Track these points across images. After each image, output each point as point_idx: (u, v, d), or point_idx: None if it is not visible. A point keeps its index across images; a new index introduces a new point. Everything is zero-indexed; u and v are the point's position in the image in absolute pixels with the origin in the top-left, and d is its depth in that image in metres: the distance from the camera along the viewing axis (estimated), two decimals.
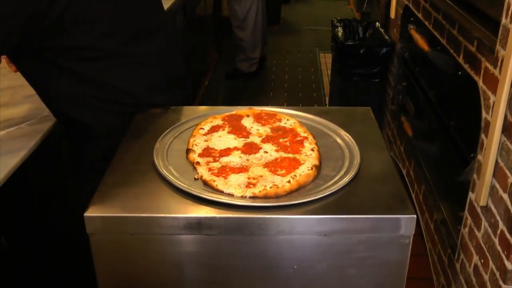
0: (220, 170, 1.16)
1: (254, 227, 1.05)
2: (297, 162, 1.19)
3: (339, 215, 1.06)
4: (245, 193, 1.09)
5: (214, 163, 1.19)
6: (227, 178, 1.13)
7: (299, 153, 1.23)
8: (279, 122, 1.38)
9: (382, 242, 1.08)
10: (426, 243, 2.20)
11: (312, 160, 1.20)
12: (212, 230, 1.05)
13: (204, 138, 1.28)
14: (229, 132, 1.32)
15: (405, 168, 2.60)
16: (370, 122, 1.45)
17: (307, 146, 1.26)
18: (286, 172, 1.15)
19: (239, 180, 1.12)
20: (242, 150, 1.25)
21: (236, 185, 1.10)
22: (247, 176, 1.14)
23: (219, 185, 1.11)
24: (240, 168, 1.17)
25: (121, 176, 1.18)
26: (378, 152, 1.28)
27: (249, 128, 1.34)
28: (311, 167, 1.17)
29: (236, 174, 1.14)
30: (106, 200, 1.10)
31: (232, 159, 1.21)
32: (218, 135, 1.30)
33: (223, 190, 1.10)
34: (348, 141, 1.30)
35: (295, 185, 1.12)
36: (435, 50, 2.10)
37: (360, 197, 1.12)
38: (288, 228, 1.05)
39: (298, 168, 1.16)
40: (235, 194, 1.09)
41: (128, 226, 1.06)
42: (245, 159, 1.21)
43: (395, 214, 1.06)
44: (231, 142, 1.28)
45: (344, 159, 1.24)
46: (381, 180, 1.18)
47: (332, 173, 1.18)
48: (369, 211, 1.06)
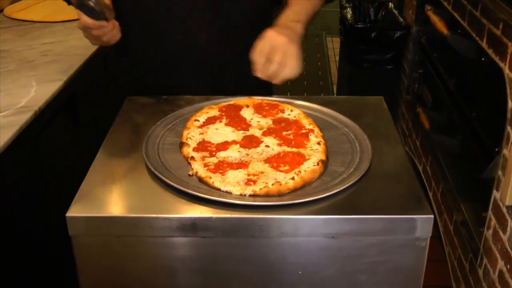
0: (217, 165, 1.16)
1: (254, 229, 1.06)
2: (301, 157, 1.19)
3: (348, 215, 1.06)
4: (245, 191, 1.09)
5: (210, 158, 1.20)
6: (225, 174, 1.13)
7: (304, 147, 1.24)
8: (281, 113, 1.38)
9: (396, 245, 1.08)
10: (445, 246, 2.21)
11: (318, 154, 1.20)
12: (208, 232, 1.06)
13: (199, 131, 1.28)
14: (226, 124, 1.32)
15: (421, 164, 2.61)
16: (382, 113, 1.45)
17: (313, 139, 1.27)
18: (290, 168, 1.15)
19: (238, 176, 1.13)
20: (241, 144, 1.25)
21: (235, 182, 1.11)
22: (246, 172, 1.15)
23: (216, 182, 1.11)
24: (238, 163, 1.18)
25: (107, 172, 1.19)
26: (392, 147, 1.29)
27: (249, 120, 1.35)
28: (317, 162, 1.17)
29: (235, 170, 1.15)
30: (90, 199, 1.10)
31: (230, 154, 1.21)
32: (214, 128, 1.30)
33: (220, 187, 1.10)
34: (358, 134, 1.31)
35: (300, 182, 1.12)
36: (455, 33, 2.10)
37: (371, 196, 1.12)
38: (292, 230, 1.06)
39: (303, 164, 1.17)
40: (233, 192, 1.09)
41: (114, 228, 1.07)
42: (244, 154, 1.22)
43: (410, 214, 1.06)
44: (229, 135, 1.28)
45: (354, 153, 1.24)
46: (394, 177, 1.19)
47: (340, 169, 1.19)
48: (382, 211, 1.07)
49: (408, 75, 2.93)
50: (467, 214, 1.98)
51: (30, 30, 2.24)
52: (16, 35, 2.19)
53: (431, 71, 2.53)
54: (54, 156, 1.83)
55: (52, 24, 2.31)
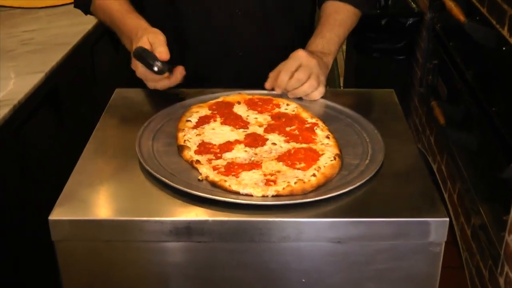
0: (227, 168, 1.17)
1: (253, 233, 1.06)
2: (315, 153, 1.21)
3: (355, 218, 1.07)
4: (267, 191, 1.10)
5: (217, 160, 1.20)
6: (239, 176, 1.14)
7: (314, 142, 1.26)
8: (278, 108, 1.39)
9: (408, 251, 1.09)
10: (462, 253, 2.21)
11: (331, 149, 1.23)
12: (203, 236, 1.06)
13: (195, 132, 1.29)
14: (222, 123, 1.33)
15: (436, 163, 2.62)
16: (393, 108, 1.45)
17: (320, 133, 1.28)
18: (307, 165, 1.17)
19: (254, 178, 1.14)
20: (246, 143, 1.26)
21: (253, 183, 1.12)
22: (261, 172, 1.16)
23: (233, 186, 1.11)
24: (250, 164, 1.19)
25: (93, 172, 1.19)
26: (403, 144, 1.29)
27: (245, 117, 1.36)
28: (333, 156, 1.19)
29: (248, 172, 1.16)
30: (75, 201, 1.11)
31: (237, 155, 1.22)
32: (210, 128, 1.31)
33: (239, 190, 1.11)
34: (364, 124, 1.33)
35: (322, 178, 1.14)
36: (473, 20, 2.11)
37: (381, 197, 1.13)
38: (295, 234, 1.06)
39: (319, 160, 1.19)
40: (254, 194, 1.10)
41: (102, 232, 1.07)
42: (252, 154, 1.23)
43: (424, 217, 1.07)
44: (229, 135, 1.29)
45: (365, 144, 1.27)
46: (406, 177, 1.19)
47: (355, 161, 1.21)
48: (392, 214, 1.08)
49: (422, 65, 2.93)
50: (486, 217, 1.99)
51: (9, 17, 2.25)
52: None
53: (446, 61, 2.53)
54: (35, 154, 1.83)
55: (34, 10, 2.32)
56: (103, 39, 2.38)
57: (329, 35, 1.54)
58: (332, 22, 1.57)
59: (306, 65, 1.41)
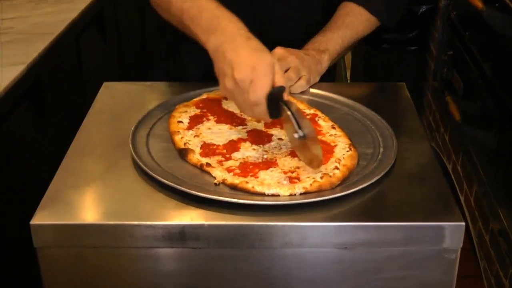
0: (242, 168, 1.18)
1: (253, 238, 1.06)
2: (327, 145, 1.23)
3: (364, 222, 1.07)
4: (294, 190, 1.11)
5: (227, 161, 1.21)
6: (258, 176, 1.15)
7: (321, 133, 1.28)
8: None
9: (421, 258, 1.09)
10: (480, 260, 2.21)
11: (341, 139, 1.26)
12: (199, 242, 1.07)
13: (191, 133, 1.30)
14: (217, 122, 1.34)
15: (450, 163, 2.62)
16: (404, 103, 1.46)
17: (324, 124, 1.31)
18: (324, 158, 1.19)
19: (274, 176, 1.15)
20: (251, 141, 1.27)
21: (275, 183, 1.13)
22: (280, 170, 1.17)
23: (256, 187, 1.12)
24: (265, 162, 1.20)
25: (79, 172, 1.20)
26: (416, 142, 1.30)
27: (239, 113, 1.37)
28: (348, 147, 1.22)
29: (266, 170, 1.17)
30: (59, 203, 1.11)
31: (246, 154, 1.23)
32: (206, 128, 1.32)
33: (264, 191, 1.11)
34: (363, 111, 1.37)
35: (346, 171, 1.16)
36: (492, 7, 2.11)
37: (391, 200, 1.13)
38: (298, 239, 1.07)
39: (335, 151, 1.21)
40: (281, 193, 1.11)
41: (89, 238, 1.07)
42: (262, 151, 1.24)
43: (438, 221, 1.07)
44: (229, 133, 1.30)
45: (371, 131, 1.30)
46: (419, 177, 1.20)
47: (369, 150, 1.24)
48: (403, 217, 1.08)
49: (435, 57, 2.94)
50: (506, 221, 1.99)
51: None
52: None
53: (462, 52, 2.54)
54: (16, 152, 1.83)
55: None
56: (90, 28, 2.38)
57: (330, 34, 1.57)
58: (340, 23, 1.59)
59: (283, 59, 1.43)
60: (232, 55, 1.21)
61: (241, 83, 1.18)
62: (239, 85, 1.19)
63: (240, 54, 1.20)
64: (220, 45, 1.24)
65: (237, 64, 1.19)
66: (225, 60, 1.22)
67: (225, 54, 1.22)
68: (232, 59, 1.20)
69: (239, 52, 1.21)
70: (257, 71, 1.18)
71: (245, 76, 1.18)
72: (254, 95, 1.18)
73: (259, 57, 1.20)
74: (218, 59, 1.24)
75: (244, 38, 1.25)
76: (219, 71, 1.24)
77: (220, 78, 1.24)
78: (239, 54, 1.20)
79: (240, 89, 1.19)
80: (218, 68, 1.25)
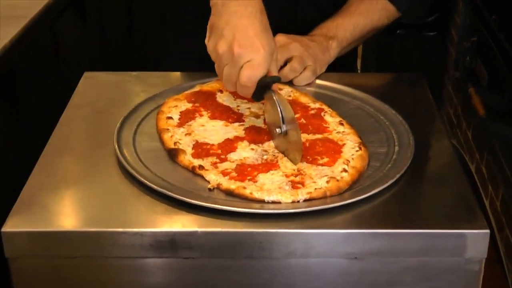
0: (239, 171, 1.18)
1: (252, 247, 1.06)
2: (335, 144, 1.23)
3: (376, 230, 1.07)
4: (297, 196, 1.11)
5: (222, 163, 1.21)
6: (257, 181, 1.15)
7: (327, 131, 1.28)
8: None
9: (440, 270, 1.09)
10: (507, 273, 2.22)
11: (350, 137, 1.25)
12: (191, 251, 1.07)
13: (182, 131, 1.30)
14: (211, 118, 1.34)
15: (474, 163, 2.62)
16: (421, 95, 1.46)
17: (330, 119, 1.31)
18: (331, 159, 1.19)
19: (276, 180, 1.15)
20: (249, 139, 1.28)
21: (277, 188, 1.13)
22: (281, 173, 1.17)
23: (255, 193, 1.12)
24: (265, 164, 1.20)
25: (57, 173, 1.20)
26: (434, 139, 1.31)
27: (236, 108, 1.38)
28: (357, 146, 1.22)
29: (266, 173, 1.17)
30: (34, 208, 1.11)
31: (244, 154, 1.23)
32: (198, 124, 1.33)
33: (263, 198, 1.11)
34: (376, 105, 1.37)
35: (355, 173, 1.16)
36: None
37: (406, 204, 1.14)
38: (302, 248, 1.07)
39: (342, 151, 1.21)
40: (282, 200, 1.11)
41: (67, 247, 1.07)
42: (262, 151, 1.24)
43: (459, 228, 1.07)
44: (225, 131, 1.31)
45: (386, 128, 1.31)
46: (437, 179, 1.20)
47: (382, 149, 1.24)
48: (420, 224, 1.08)
49: (457, 44, 2.94)
50: None
51: None
52: None
53: (487, 39, 2.54)
54: None
55: None
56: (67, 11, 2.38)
57: (341, 20, 1.58)
58: (352, 9, 1.60)
59: (285, 47, 1.45)
60: (239, 23, 1.22)
61: (237, 57, 1.20)
62: (234, 57, 1.20)
63: (248, 27, 1.21)
64: (229, 2, 1.24)
65: (242, 37, 1.20)
66: (228, 22, 1.22)
67: (231, 15, 1.23)
68: (239, 27, 1.21)
69: (247, 25, 1.22)
70: (260, 54, 1.20)
71: (246, 53, 1.20)
72: (247, 76, 1.21)
73: (267, 39, 1.22)
74: (219, 14, 1.24)
75: (258, 9, 1.25)
76: (215, 26, 1.25)
77: (213, 34, 1.25)
78: (247, 27, 1.22)
79: (233, 62, 1.21)
80: (215, 23, 1.25)
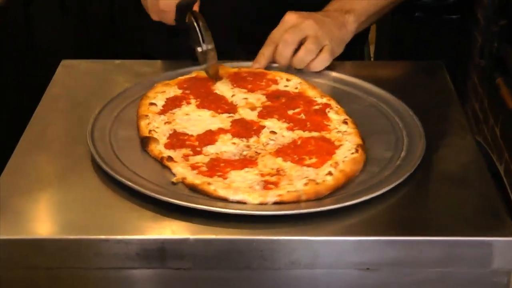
0: (211, 166, 1.18)
1: (252, 256, 1.07)
2: (330, 144, 1.23)
3: (390, 237, 1.07)
4: (266, 198, 1.11)
5: (195, 156, 1.22)
6: (227, 177, 1.16)
7: (327, 129, 1.27)
8: (275, 84, 1.42)
9: (462, 282, 1.10)
10: None
11: (350, 138, 1.24)
12: (182, 261, 1.07)
13: (162, 119, 1.31)
14: (199, 106, 1.35)
15: (502, 163, 2.62)
16: (442, 86, 1.47)
17: (334, 117, 1.31)
18: (320, 160, 1.18)
19: (248, 178, 1.15)
20: (233, 132, 1.28)
21: (246, 187, 1.13)
22: (258, 171, 1.17)
23: (219, 190, 1.12)
24: (241, 160, 1.20)
25: (31, 174, 1.20)
26: (456, 136, 1.31)
27: (230, 98, 1.38)
28: (355, 148, 1.21)
29: (240, 171, 1.17)
30: (5, 213, 1.10)
31: (222, 148, 1.24)
32: (183, 113, 1.34)
33: (228, 196, 1.11)
34: (395, 104, 1.36)
35: (342, 178, 1.15)
36: None
37: (425, 208, 1.14)
38: (308, 258, 1.07)
39: (336, 153, 1.20)
40: (248, 201, 1.11)
41: (44, 256, 1.07)
42: (243, 146, 1.25)
43: (484, 236, 1.07)
44: (209, 122, 1.31)
45: (398, 130, 1.29)
46: (460, 180, 1.20)
47: (387, 154, 1.23)
48: (441, 231, 1.08)
49: (483, 29, 2.94)
50: None
51: None
52: None
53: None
54: None
55: None
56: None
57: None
58: None
59: (296, 27, 1.44)
60: None
61: None
62: None
63: None
64: None
65: None
66: None
67: None
68: None
69: None
70: None
71: None
72: (164, 1, 1.41)
73: None
74: None
75: None
76: None
77: None
78: None
79: None
80: None
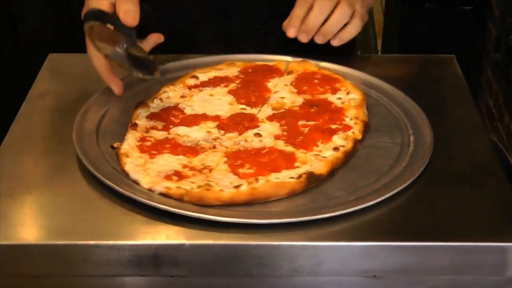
0: (156, 144, 1.24)
1: (251, 263, 1.07)
2: (288, 161, 1.21)
3: (398, 242, 1.08)
4: (156, 185, 1.14)
5: (159, 131, 1.28)
6: (154, 157, 1.21)
7: (310, 149, 1.26)
8: (331, 93, 1.41)
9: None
10: None
11: (317, 165, 1.21)
12: (178, 268, 1.07)
13: (182, 92, 1.38)
14: (230, 92, 1.40)
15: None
16: (454, 81, 1.47)
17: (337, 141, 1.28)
18: (255, 172, 1.18)
19: (166, 165, 1.19)
20: (222, 123, 1.31)
21: (154, 171, 1.17)
22: (186, 162, 1.20)
23: (128, 165, 1.18)
24: (189, 148, 1.24)
25: (16, 176, 1.20)
26: (469, 134, 1.31)
27: (273, 92, 1.41)
28: (299, 174, 1.17)
29: (173, 156, 1.22)
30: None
31: (191, 133, 1.28)
32: (209, 93, 1.39)
33: (129, 172, 1.16)
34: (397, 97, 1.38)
35: (247, 194, 1.13)
36: None
37: (434, 211, 1.14)
38: (311, 264, 1.07)
39: (281, 171, 1.18)
40: (141, 182, 1.15)
41: (29, 263, 1.07)
42: (213, 138, 1.28)
43: (499, 241, 1.07)
44: (218, 108, 1.35)
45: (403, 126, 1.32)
46: (472, 182, 1.20)
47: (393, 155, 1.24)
48: (452, 236, 1.08)
49: (498, 20, 2.94)
50: None
51: None
52: None
53: None
54: None
55: None
56: None
57: None
58: None
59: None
60: None
61: None
62: None
63: None
64: None
65: None
66: None
67: None
68: None
69: None
70: None
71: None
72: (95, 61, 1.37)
73: None
74: None
75: None
76: None
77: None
78: None
79: None
80: None
